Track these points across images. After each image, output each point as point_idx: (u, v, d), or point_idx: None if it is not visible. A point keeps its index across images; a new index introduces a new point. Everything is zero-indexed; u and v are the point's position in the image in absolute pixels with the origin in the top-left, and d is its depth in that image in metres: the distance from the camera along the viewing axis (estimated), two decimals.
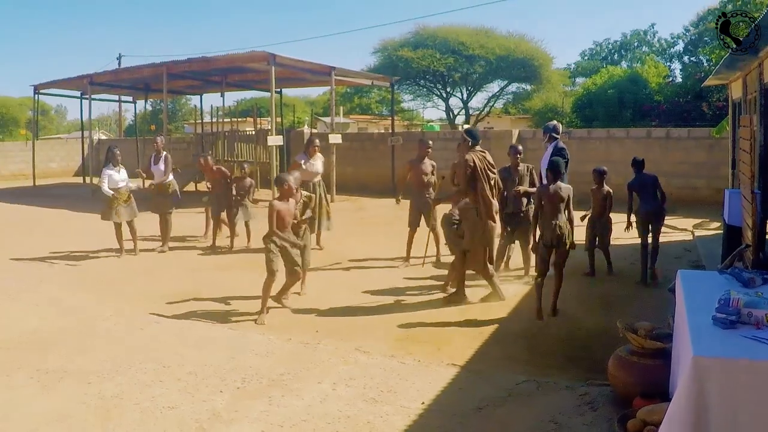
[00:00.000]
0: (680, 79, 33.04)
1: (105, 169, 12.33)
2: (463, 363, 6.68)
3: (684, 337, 4.24)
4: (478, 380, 6.21)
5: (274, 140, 19.82)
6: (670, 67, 43.65)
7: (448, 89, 40.85)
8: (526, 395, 5.82)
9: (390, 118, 27.72)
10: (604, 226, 10.52)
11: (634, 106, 26.97)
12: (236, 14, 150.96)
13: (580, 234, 9.26)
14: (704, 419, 3.62)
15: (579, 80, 48.61)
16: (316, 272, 10.35)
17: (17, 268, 11.59)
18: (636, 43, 57.93)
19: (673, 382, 4.71)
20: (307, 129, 28.57)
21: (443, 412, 5.51)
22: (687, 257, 11.65)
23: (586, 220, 10.55)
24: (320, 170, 12.21)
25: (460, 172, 8.77)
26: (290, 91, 38.95)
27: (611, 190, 10.59)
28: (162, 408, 5.62)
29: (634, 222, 10.25)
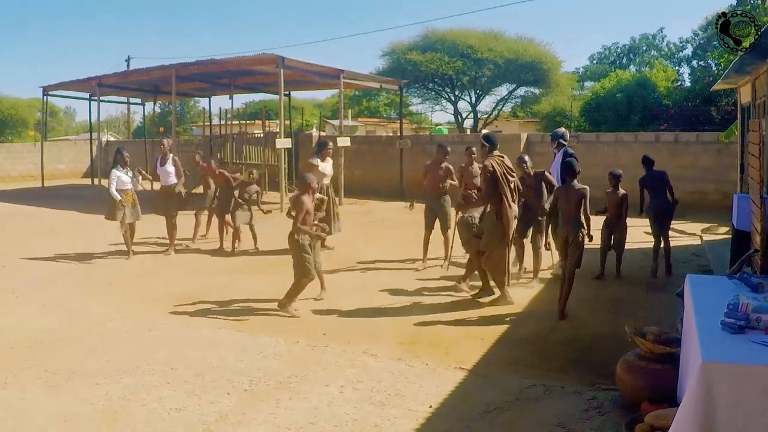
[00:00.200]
0: (689, 84, 32.95)
1: (113, 170, 12.36)
2: (470, 367, 6.68)
3: (692, 341, 4.23)
4: (486, 384, 6.20)
5: (283, 143, 19.83)
6: (678, 71, 43.63)
7: (457, 92, 40.81)
8: (534, 399, 5.82)
9: (398, 122, 27.75)
10: (621, 230, 10.57)
11: (642, 110, 26.91)
12: (245, 17, 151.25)
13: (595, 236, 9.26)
14: (712, 425, 3.61)
15: (587, 84, 48.61)
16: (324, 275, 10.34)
17: (25, 269, 11.62)
18: (645, 47, 57.95)
19: (682, 387, 4.70)
20: (315, 132, 28.54)
21: (450, 416, 5.50)
22: (695, 262, 11.62)
23: (601, 223, 10.56)
24: (331, 173, 12.28)
25: (482, 178, 8.88)
26: (299, 94, 38.89)
27: (627, 193, 10.62)
28: (169, 410, 5.63)
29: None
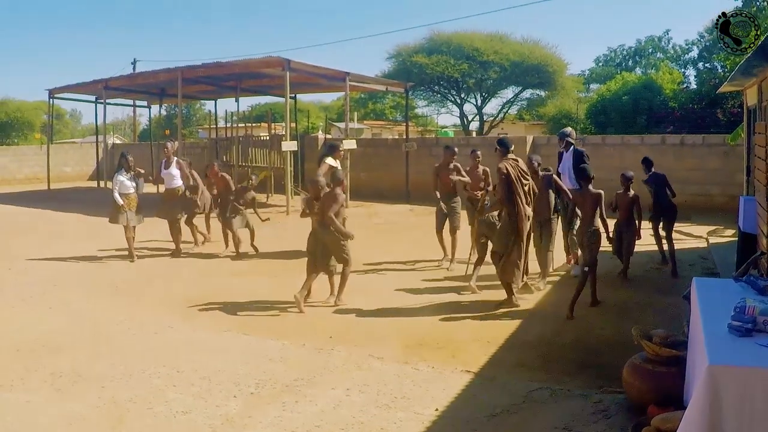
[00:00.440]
0: (695, 86, 32.88)
1: (117, 175, 12.47)
2: (476, 370, 6.67)
3: (699, 345, 4.22)
4: (492, 387, 6.20)
5: (289, 146, 19.85)
6: (684, 73, 43.60)
7: (463, 95, 40.81)
8: (540, 402, 5.81)
9: (404, 124, 27.75)
10: (631, 232, 10.59)
11: (648, 113, 26.86)
12: (251, 20, 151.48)
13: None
14: (719, 428, 3.60)
15: (593, 86, 48.61)
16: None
17: (31, 272, 11.64)
18: (650, 50, 57.84)
19: (688, 391, 4.68)
20: (321, 134, 28.58)
21: (457, 419, 5.50)
22: (702, 264, 11.60)
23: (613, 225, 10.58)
24: None
25: (497, 181, 9.05)
26: (305, 97, 38.93)
27: (638, 195, 10.66)
28: (175, 413, 5.64)
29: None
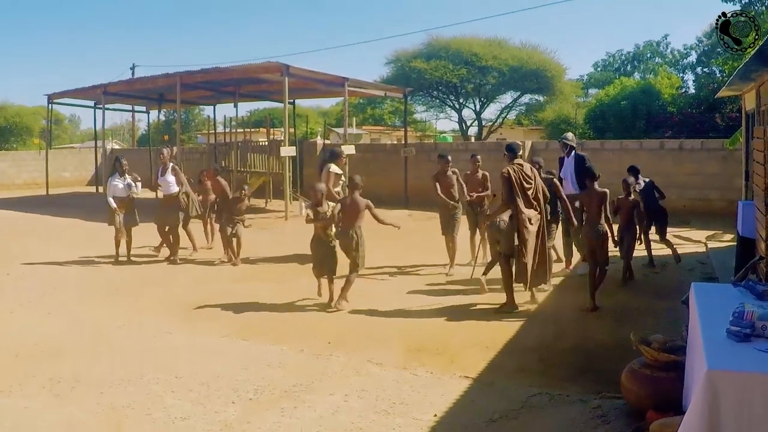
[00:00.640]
0: (693, 90, 32.91)
1: (111, 179, 12.59)
2: (475, 375, 6.67)
3: (698, 350, 4.22)
4: (491, 393, 6.19)
5: (287, 151, 19.85)
6: (683, 78, 43.55)
7: (461, 100, 40.83)
8: (539, 408, 5.81)
9: (403, 129, 27.76)
10: (631, 236, 10.70)
11: (647, 118, 26.87)
12: (250, 25, 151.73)
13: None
14: None
15: (592, 91, 48.61)
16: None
17: (30, 276, 11.65)
18: (649, 54, 57.89)
19: (687, 396, 4.68)
20: (320, 140, 28.58)
21: (455, 425, 5.50)
22: (700, 269, 11.60)
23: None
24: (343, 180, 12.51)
25: (502, 184, 9.22)
26: (303, 102, 39.02)
27: (639, 200, 10.85)
28: (174, 419, 5.63)
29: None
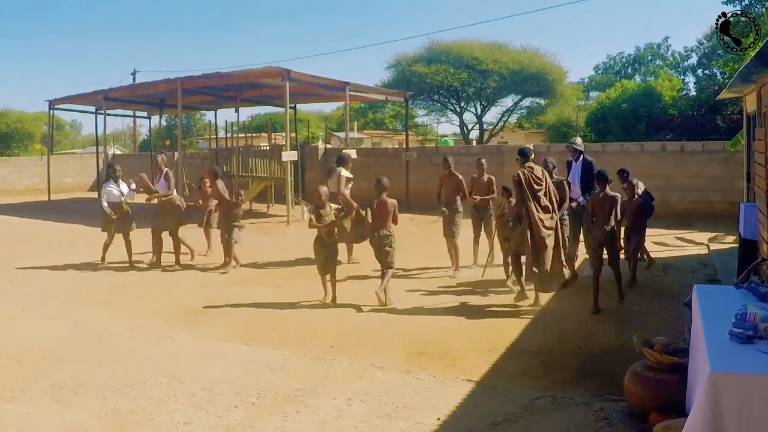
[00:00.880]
0: (694, 93, 32.91)
1: (105, 185, 12.70)
2: (478, 378, 6.67)
3: (700, 352, 4.21)
4: (494, 396, 6.19)
5: (289, 155, 19.85)
6: (683, 80, 43.65)
7: (462, 104, 40.85)
8: (542, 411, 5.80)
9: (404, 133, 27.76)
10: (639, 237, 10.85)
11: (648, 120, 26.88)
12: (251, 30, 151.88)
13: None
14: None
15: (593, 94, 48.63)
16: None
17: (32, 282, 11.65)
18: (649, 57, 57.93)
19: (690, 398, 4.68)
20: (321, 144, 28.60)
21: (458, 428, 5.49)
22: (702, 271, 11.58)
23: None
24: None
25: (513, 187, 9.63)
26: (305, 107, 38.96)
27: (643, 201, 10.96)
28: (177, 423, 5.63)
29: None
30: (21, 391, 6.44)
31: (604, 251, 9.48)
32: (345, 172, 12.44)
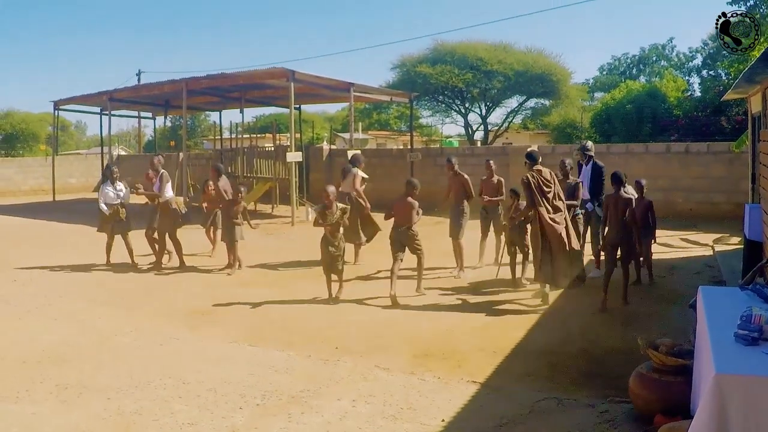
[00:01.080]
0: (699, 93, 32.83)
1: (103, 186, 12.73)
2: (483, 380, 6.66)
3: (706, 353, 4.21)
4: (498, 397, 6.19)
5: (294, 156, 19.86)
6: (688, 81, 43.46)
7: (467, 105, 40.80)
8: (547, 413, 5.79)
9: (409, 134, 27.75)
10: (649, 237, 10.89)
11: (652, 121, 26.81)
12: (256, 31, 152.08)
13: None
14: None
15: (597, 95, 48.53)
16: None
17: (36, 283, 11.67)
18: (654, 58, 57.85)
19: (695, 400, 4.67)
20: (326, 145, 28.60)
21: (463, 430, 5.49)
22: (707, 273, 11.56)
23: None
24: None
25: (523, 189, 9.87)
26: (309, 107, 39.05)
27: (652, 201, 11.01)
28: (181, 424, 5.63)
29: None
30: (26, 391, 6.45)
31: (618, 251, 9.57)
32: (361, 173, 12.60)
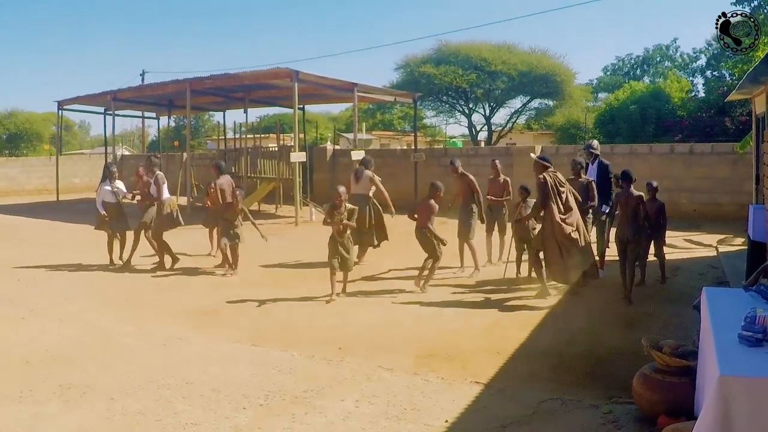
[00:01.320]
0: (703, 94, 32.85)
1: (102, 185, 12.74)
2: (486, 381, 6.65)
3: (709, 355, 4.20)
4: (502, 398, 6.18)
5: (297, 156, 19.86)
6: (692, 81, 43.56)
7: (471, 105, 40.86)
8: (550, 413, 5.79)
9: (413, 135, 27.74)
10: (661, 237, 10.94)
11: (656, 122, 26.81)
12: (260, 31, 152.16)
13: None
14: None
15: (601, 96, 48.57)
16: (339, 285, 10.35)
17: (40, 283, 11.68)
18: (658, 58, 57.85)
19: (699, 401, 4.66)
20: (330, 145, 28.62)
21: (467, 431, 5.48)
22: (711, 274, 11.54)
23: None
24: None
25: (537, 189, 10.11)
26: (313, 108, 39.08)
27: (663, 203, 11.04)
28: (185, 425, 5.63)
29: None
30: (29, 391, 6.45)
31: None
32: (374, 175, 12.77)
